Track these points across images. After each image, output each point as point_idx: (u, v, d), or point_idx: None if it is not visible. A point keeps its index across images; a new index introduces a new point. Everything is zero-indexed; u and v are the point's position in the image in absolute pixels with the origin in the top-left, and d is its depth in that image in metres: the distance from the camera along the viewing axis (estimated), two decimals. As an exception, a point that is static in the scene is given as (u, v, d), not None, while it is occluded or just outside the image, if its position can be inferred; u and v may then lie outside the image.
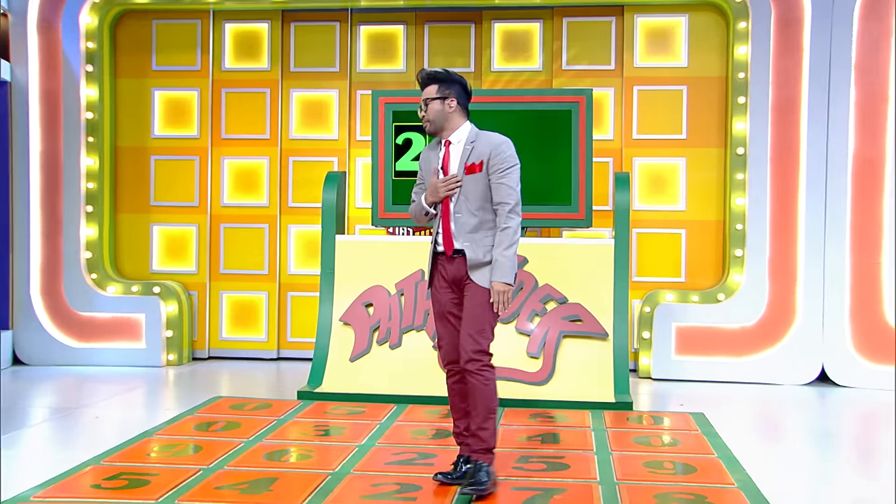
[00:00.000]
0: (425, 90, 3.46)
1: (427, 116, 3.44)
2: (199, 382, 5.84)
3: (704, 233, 6.34)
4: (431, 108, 3.43)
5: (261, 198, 6.71)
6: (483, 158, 3.36)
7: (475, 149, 3.39)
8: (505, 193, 3.34)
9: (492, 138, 3.42)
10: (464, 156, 3.39)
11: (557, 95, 5.74)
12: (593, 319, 5.28)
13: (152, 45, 6.67)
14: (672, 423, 4.65)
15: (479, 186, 3.36)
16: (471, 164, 3.37)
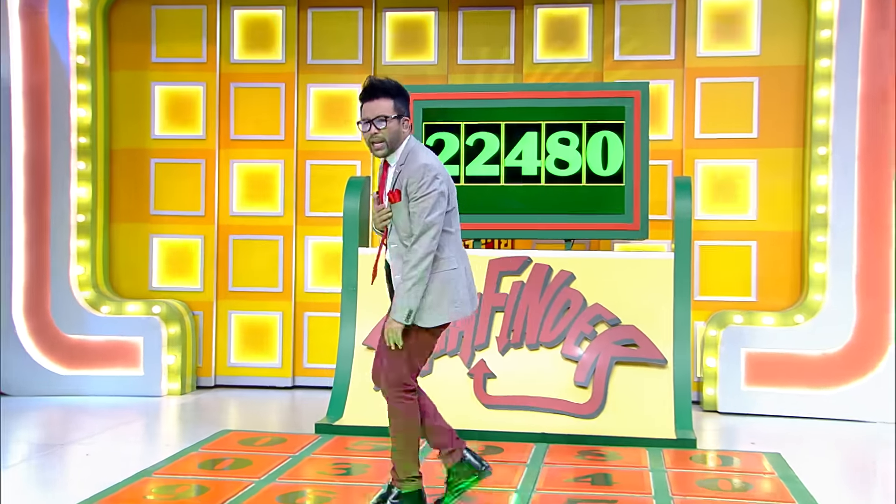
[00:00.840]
0: (374, 105, 3.49)
1: (381, 136, 3.49)
2: (204, 414, 5.94)
3: (779, 245, 6.34)
4: (389, 127, 3.49)
5: (274, 206, 6.84)
6: (400, 187, 3.49)
7: (401, 174, 3.51)
8: (417, 224, 3.45)
9: (415, 162, 3.49)
10: (390, 180, 3.54)
11: (609, 90, 5.80)
12: (650, 344, 5.31)
13: (152, 33, 6.83)
14: (743, 465, 4.65)
15: (401, 215, 3.50)
16: (392, 190, 3.51)
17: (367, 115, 3.51)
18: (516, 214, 5.80)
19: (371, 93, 3.52)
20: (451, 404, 5.17)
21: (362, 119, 3.53)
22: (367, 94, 3.52)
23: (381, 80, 3.54)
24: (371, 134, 3.51)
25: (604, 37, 6.55)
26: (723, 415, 5.97)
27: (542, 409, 5.22)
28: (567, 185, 5.75)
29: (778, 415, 5.89)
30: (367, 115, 3.51)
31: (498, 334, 5.47)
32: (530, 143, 5.80)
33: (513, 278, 5.54)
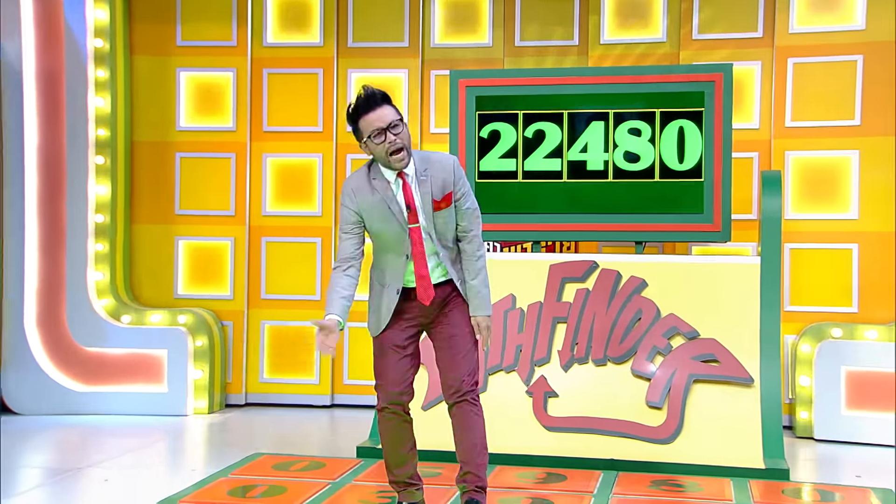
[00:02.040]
0: (382, 113, 3.64)
1: (401, 144, 3.66)
2: (234, 436, 6.07)
3: (884, 248, 6.28)
4: (404, 133, 3.68)
5: (312, 205, 6.97)
6: (449, 190, 3.76)
7: (432, 178, 3.74)
8: (471, 217, 3.85)
9: (442, 160, 3.79)
10: (426, 189, 3.73)
11: (686, 73, 5.80)
12: (733, 360, 5.31)
13: (177, 14, 6.99)
14: (847, 501, 4.61)
15: (447, 219, 3.79)
16: (440, 198, 3.75)
17: (378, 125, 3.64)
18: (581, 214, 5.84)
19: (374, 101, 3.66)
20: (508, 426, 5.26)
21: (374, 131, 3.65)
22: (371, 102, 3.66)
23: (374, 89, 3.71)
24: (391, 143, 3.65)
25: (681, 13, 6.56)
26: (820, 442, 5.93)
27: (610, 433, 5.26)
28: (638, 180, 5.78)
29: (886, 444, 5.80)
30: (378, 124, 3.64)
31: (560, 348, 5.52)
32: (597, 134, 5.84)
33: (577, 285, 5.59)
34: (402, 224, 3.74)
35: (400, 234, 3.75)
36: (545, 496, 4.46)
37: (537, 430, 5.30)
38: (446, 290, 3.85)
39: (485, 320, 3.85)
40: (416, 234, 3.75)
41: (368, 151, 3.74)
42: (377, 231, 3.78)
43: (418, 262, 3.76)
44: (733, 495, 4.58)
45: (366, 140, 3.70)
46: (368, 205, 3.76)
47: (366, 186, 3.76)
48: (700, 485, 4.76)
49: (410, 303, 3.83)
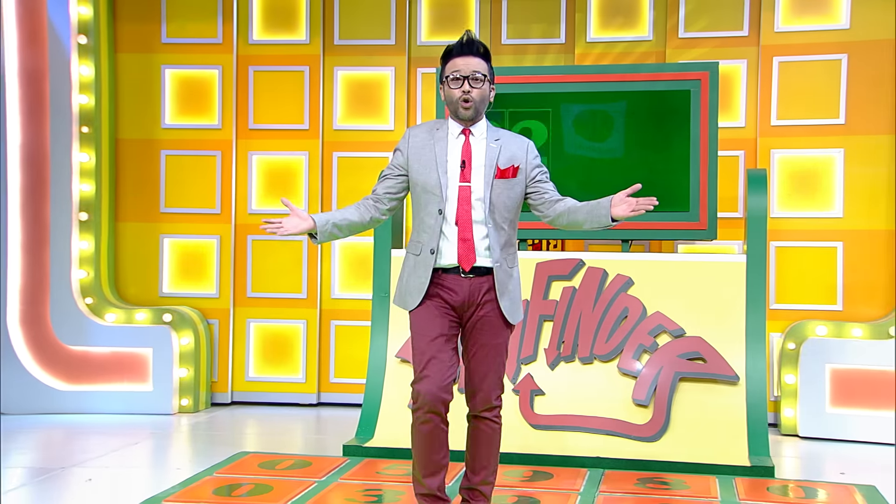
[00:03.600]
0: (471, 61, 3.57)
1: (474, 97, 3.57)
2: (219, 434, 6.06)
3: (869, 246, 6.32)
4: (483, 90, 3.59)
5: (298, 203, 6.93)
6: (519, 163, 3.62)
7: (503, 148, 3.62)
8: (552, 187, 3.72)
9: (517, 138, 3.70)
10: (492, 154, 3.60)
11: (673, 71, 5.84)
12: (719, 358, 5.34)
13: (162, 11, 6.98)
14: (831, 498, 4.63)
15: (511, 194, 3.61)
16: (506, 167, 3.59)
17: (461, 70, 3.56)
18: (568, 212, 5.86)
19: (469, 47, 3.58)
20: (495, 424, 5.28)
21: (453, 73, 3.56)
22: (465, 47, 3.58)
23: (477, 39, 3.62)
24: (465, 91, 3.55)
25: (667, 12, 6.58)
26: (804, 440, 5.96)
27: (596, 431, 5.28)
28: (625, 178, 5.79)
29: (870, 441, 5.85)
30: (462, 69, 3.56)
31: (547, 346, 5.54)
32: (583, 132, 5.86)
33: (563, 283, 5.61)
34: (442, 177, 3.56)
35: (437, 187, 3.55)
36: (531, 494, 4.47)
37: (524, 429, 5.31)
38: (485, 283, 3.59)
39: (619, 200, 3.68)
40: (465, 193, 3.56)
41: (443, 97, 3.64)
42: (416, 180, 3.59)
43: (463, 225, 3.55)
44: (719, 493, 4.60)
45: (444, 81, 3.61)
46: (418, 147, 3.63)
47: (425, 133, 3.65)
48: (686, 482, 4.78)
49: (447, 286, 3.57)
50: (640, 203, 3.56)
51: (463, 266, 3.55)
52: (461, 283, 3.58)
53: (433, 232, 3.55)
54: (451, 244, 3.55)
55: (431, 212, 3.56)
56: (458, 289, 3.58)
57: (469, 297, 3.58)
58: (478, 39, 3.63)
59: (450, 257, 3.56)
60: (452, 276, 3.58)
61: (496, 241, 3.58)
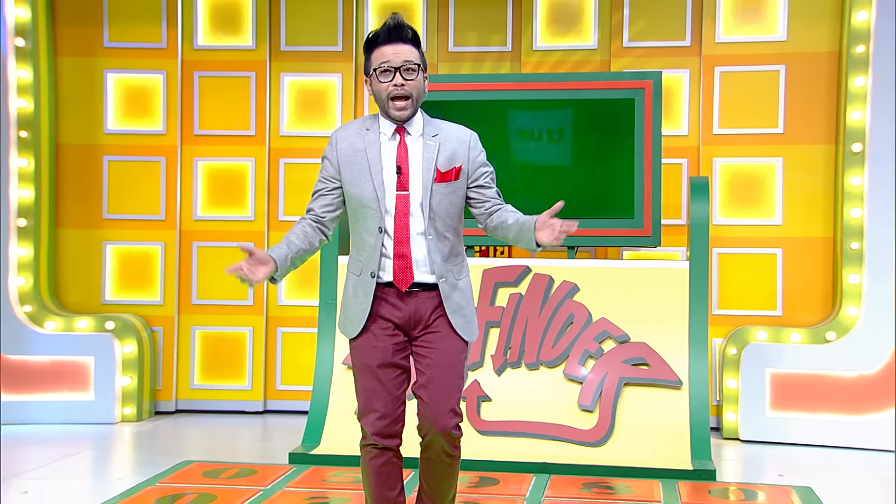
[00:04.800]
0: (401, 49, 3.11)
1: (408, 91, 3.12)
2: (163, 443, 6.00)
3: (807, 253, 6.45)
4: (418, 82, 3.14)
5: (244, 209, 6.94)
6: (461, 162, 3.19)
7: (442, 146, 3.18)
8: (496, 192, 3.29)
9: (459, 132, 3.25)
10: (429, 154, 3.16)
11: (617, 80, 5.92)
12: (663, 363, 5.41)
13: (104, 14, 6.89)
14: (769, 500, 4.72)
15: (453, 199, 3.20)
16: (447, 169, 3.17)
17: (391, 61, 3.09)
18: (514, 219, 5.89)
19: (398, 32, 3.12)
20: (441, 431, 5.29)
21: (381, 65, 3.10)
22: (393, 33, 3.12)
23: (405, 22, 3.15)
24: (396, 86, 3.09)
25: (611, 20, 6.67)
26: (745, 443, 6.06)
27: (542, 436, 5.32)
28: (570, 186, 5.86)
29: (808, 443, 5.97)
30: (391, 60, 3.09)
31: (493, 352, 5.56)
32: (529, 140, 5.91)
33: (510, 290, 5.64)
34: (378, 188, 3.13)
35: (374, 200, 3.13)
36: (477, 500, 4.49)
37: (470, 435, 5.31)
38: (431, 300, 3.19)
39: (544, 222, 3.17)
40: (402, 203, 3.13)
41: (371, 91, 3.19)
42: (350, 193, 3.18)
43: (400, 239, 3.13)
44: (662, 496, 4.67)
45: (371, 74, 3.15)
46: (348, 154, 3.17)
47: (354, 136, 3.19)
48: (630, 486, 4.84)
49: (388, 304, 3.18)
50: (562, 229, 3.11)
51: (399, 286, 3.16)
52: (404, 299, 3.18)
53: (373, 251, 3.16)
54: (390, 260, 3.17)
55: (370, 228, 3.16)
56: (402, 305, 3.19)
57: (415, 315, 3.20)
58: (407, 25, 3.15)
59: (387, 277, 3.18)
60: (391, 292, 3.19)
61: (438, 254, 3.16)
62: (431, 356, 3.20)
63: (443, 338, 3.20)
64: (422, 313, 3.20)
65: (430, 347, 3.20)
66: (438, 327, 3.20)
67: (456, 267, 3.24)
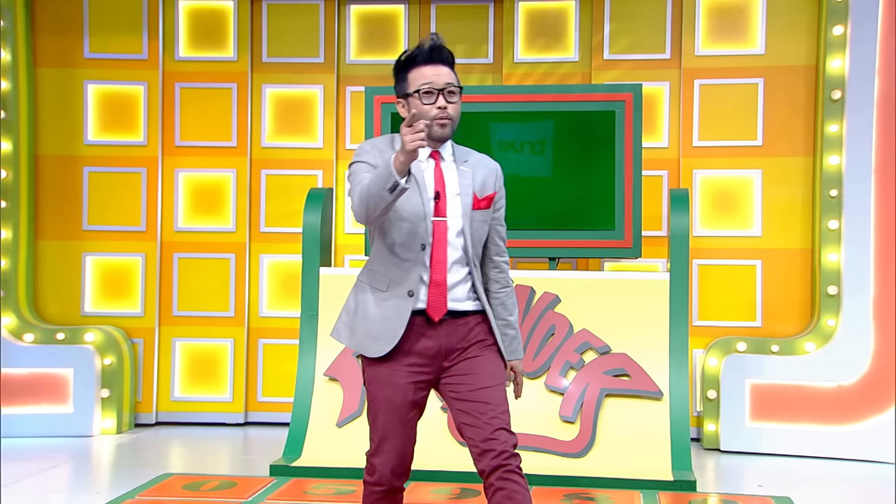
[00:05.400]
0: (442, 71, 3.02)
1: (451, 114, 3.01)
2: (143, 456, 5.97)
3: (786, 264, 6.50)
4: (458, 106, 3.04)
5: (225, 221, 6.93)
6: (492, 191, 3.09)
7: (475, 173, 3.07)
8: (504, 235, 3.18)
9: (487, 160, 3.17)
10: (465, 180, 3.04)
11: (598, 93, 5.96)
12: (643, 374, 5.44)
13: (84, 25, 6.88)
14: (747, 508, 4.78)
15: (484, 227, 3.07)
16: (482, 196, 3.05)
17: (433, 82, 2.98)
18: (495, 230, 5.92)
19: (439, 53, 3.03)
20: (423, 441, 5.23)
21: (424, 87, 2.97)
22: (434, 54, 3.02)
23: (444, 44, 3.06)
24: (441, 108, 2.98)
25: (592, 34, 6.72)
26: (725, 453, 6.09)
27: (523, 447, 5.25)
28: (551, 197, 5.89)
29: (787, 454, 6.01)
30: (433, 81, 2.98)
31: (475, 364, 5.57)
32: (510, 151, 5.93)
33: (492, 301, 5.65)
34: (426, 203, 2.96)
35: (419, 216, 2.95)
36: (459, 511, 4.49)
37: (452, 446, 5.33)
38: (463, 327, 3.01)
39: (520, 364, 3.18)
40: (440, 229, 2.97)
41: (406, 111, 3.02)
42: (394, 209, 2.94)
43: (437, 267, 2.95)
44: (643, 507, 4.69)
45: (411, 95, 3.00)
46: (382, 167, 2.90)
47: (390, 150, 2.99)
48: (611, 498, 4.87)
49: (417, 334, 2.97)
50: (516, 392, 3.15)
51: (432, 316, 2.95)
52: (436, 330, 2.98)
53: (410, 269, 2.95)
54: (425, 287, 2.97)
55: (409, 244, 2.95)
56: (433, 335, 2.98)
57: (446, 344, 2.99)
58: (445, 47, 3.06)
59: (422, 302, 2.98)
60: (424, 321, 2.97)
61: (478, 281, 3.04)
62: (472, 382, 2.98)
63: (483, 361, 3.01)
64: (454, 342, 3.00)
65: (469, 374, 2.99)
66: (475, 352, 3.01)
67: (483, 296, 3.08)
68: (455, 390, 2.99)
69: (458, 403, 2.98)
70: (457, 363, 2.99)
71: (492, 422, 2.93)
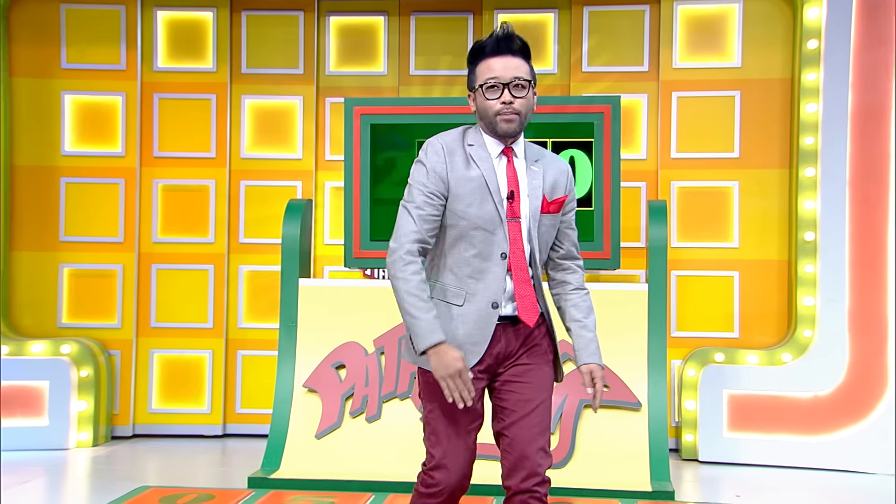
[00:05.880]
0: (512, 63, 2.87)
1: (518, 108, 2.87)
2: (119, 469, 5.94)
3: (764, 275, 6.57)
4: (528, 99, 2.89)
5: (204, 232, 6.93)
6: (562, 194, 2.97)
7: (546, 174, 2.95)
8: (576, 239, 3.06)
9: (558, 160, 3.04)
10: (535, 181, 2.92)
11: (576, 104, 6.00)
12: (622, 385, 5.46)
13: (61, 35, 6.87)
14: (724, 518, 4.82)
15: (552, 232, 2.98)
16: (553, 198, 2.94)
17: (500, 76, 2.85)
18: (475, 241, 5.93)
19: (507, 43, 2.87)
20: (402, 453, 5.27)
21: (489, 81, 2.86)
22: (502, 43, 2.87)
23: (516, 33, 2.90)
24: (506, 104, 2.85)
25: (571, 46, 6.78)
26: (704, 464, 6.13)
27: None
28: (531, 208, 5.91)
29: (764, 464, 6.05)
30: (500, 75, 2.85)
31: (454, 375, 5.58)
32: (490, 162, 5.95)
33: (471, 312, 5.66)
34: (500, 208, 2.85)
35: (494, 222, 2.85)
36: (439, 522, 4.48)
37: (431, 457, 5.32)
38: (518, 332, 2.95)
39: (599, 370, 3.03)
40: (515, 231, 2.87)
41: (474, 107, 2.95)
42: (463, 212, 2.84)
43: (518, 273, 2.88)
44: (622, 517, 4.71)
45: (476, 88, 2.90)
46: (460, 168, 2.86)
47: (460, 148, 2.90)
48: (590, 508, 4.87)
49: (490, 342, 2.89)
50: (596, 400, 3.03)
51: (527, 322, 2.89)
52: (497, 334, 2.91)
53: (492, 281, 2.85)
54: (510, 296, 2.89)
55: (489, 255, 2.85)
56: (495, 342, 2.91)
57: (504, 350, 2.94)
58: (517, 35, 2.88)
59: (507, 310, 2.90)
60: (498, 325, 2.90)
61: (539, 283, 2.96)
62: (520, 391, 2.92)
63: (532, 370, 2.94)
64: (511, 348, 2.94)
65: (518, 382, 2.93)
66: (527, 360, 2.95)
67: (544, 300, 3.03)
68: (501, 398, 2.93)
69: (501, 412, 2.94)
70: (509, 368, 2.93)
71: (530, 441, 2.88)
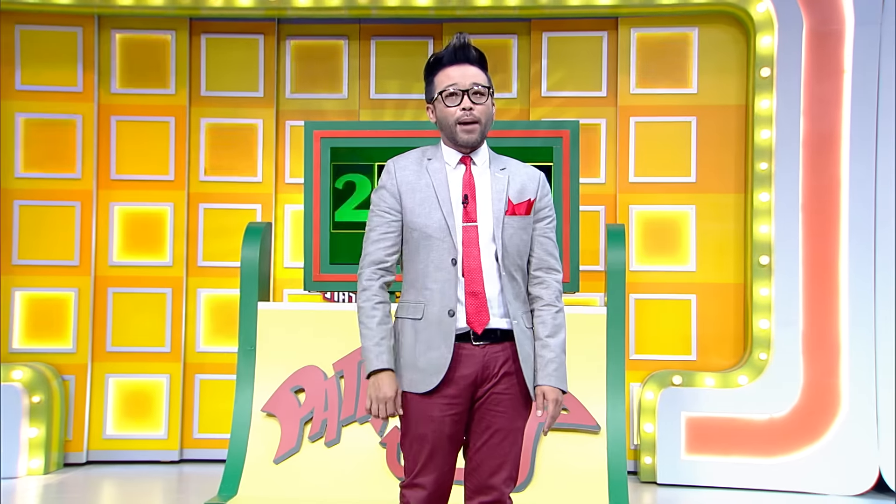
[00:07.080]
0: (469, 71, 2.93)
1: (477, 116, 2.93)
2: (71, 497, 5.86)
3: (720, 299, 6.65)
4: (486, 106, 2.96)
5: (162, 255, 6.89)
6: (530, 196, 2.98)
7: (512, 178, 2.99)
8: (552, 250, 3.02)
9: (527, 168, 3.08)
10: (499, 185, 2.96)
11: (535, 129, 6.06)
12: (581, 408, 5.48)
13: (15, 56, 6.82)
14: (682, 539, 4.87)
15: (523, 236, 2.96)
16: (519, 201, 2.96)
17: (458, 83, 2.91)
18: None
19: (464, 52, 2.93)
20: (361, 477, 5.29)
21: (448, 88, 2.91)
22: (460, 53, 2.93)
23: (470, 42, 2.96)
24: (465, 110, 2.90)
25: (530, 71, 6.86)
26: (662, 486, 6.18)
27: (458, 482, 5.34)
28: (490, 232, 5.96)
29: (722, 486, 6.11)
30: (458, 82, 2.91)
31: (414, 399, 5.59)
32: (450, 186, 6.00)
33: (431, 336, 5.68)
34: (448, 216, 2.89)
35: (442, 230, 2.89)
36: (399, 547, 4.48)
37: (389, 483, 5.32)
38: (501, 353, 2.90)
39: (555, 392, 2.91)
40: (470, 234, 2.89)
41: (434, 119, 3.00)
42: (414, 223, 2.91)
43: (471, 276, 2.86)
44: (581, 540, 4.73)
45: (436, 98, 2.95)
46: (410, 181, 2.94)
47: (415, 164, 2.98)
48: (550, 531, 4.89)
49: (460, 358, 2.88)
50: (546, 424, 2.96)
51: (474, 328, 2.86)
52: (474, 353, 2.88)
53: (445, 286, 2.85)
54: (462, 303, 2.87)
55: (439, 262, 2.87)
56: (471, 361, 2.89)
57: (482, 372, 2.90)
58: (472, 44, 2.96)
59: (463, 319, 2.88)
60: (464, 344, 2.88)
61: (511, 294, 2.90)
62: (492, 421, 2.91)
63: (509, 399, 2.92)
64: (490, 368, 2.91)
65: (493, 410, 2.91)
66: (505, 386, 2.91)
67: (525, 313, 2.96)
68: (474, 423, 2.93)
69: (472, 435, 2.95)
70: (486, 396, 2.91)
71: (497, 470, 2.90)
